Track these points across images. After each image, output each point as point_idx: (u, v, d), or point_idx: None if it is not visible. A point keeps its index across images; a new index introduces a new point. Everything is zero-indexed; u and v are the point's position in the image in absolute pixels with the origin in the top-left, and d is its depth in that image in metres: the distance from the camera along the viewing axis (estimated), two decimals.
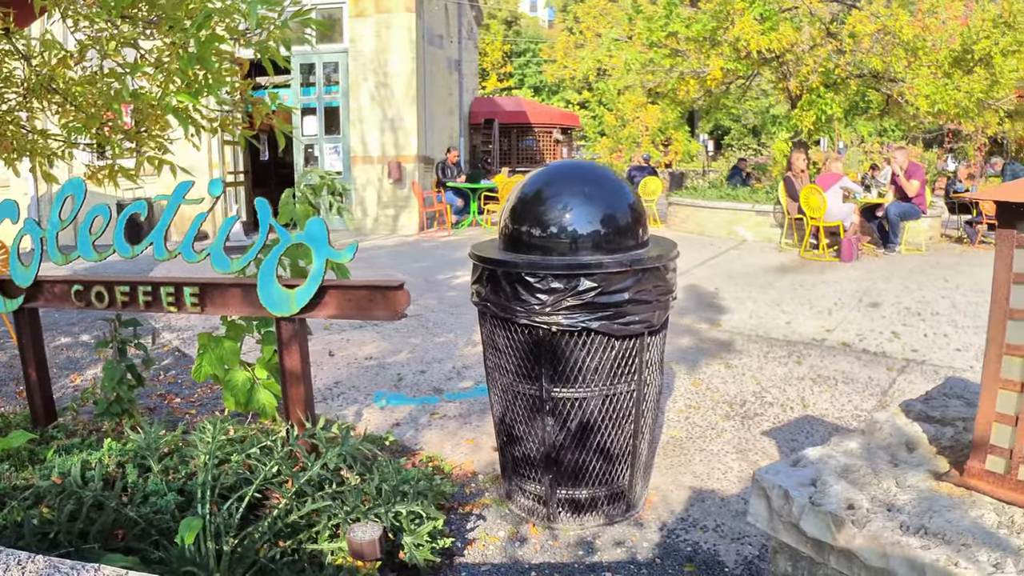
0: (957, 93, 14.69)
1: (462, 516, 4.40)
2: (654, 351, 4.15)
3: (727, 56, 14.91)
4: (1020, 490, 2.08)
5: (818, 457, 2.36)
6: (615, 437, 4.11)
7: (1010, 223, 1.98)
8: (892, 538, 1.86)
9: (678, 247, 4.27)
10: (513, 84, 49.41)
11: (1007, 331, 2.04)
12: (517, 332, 3.98)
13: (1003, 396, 2.08)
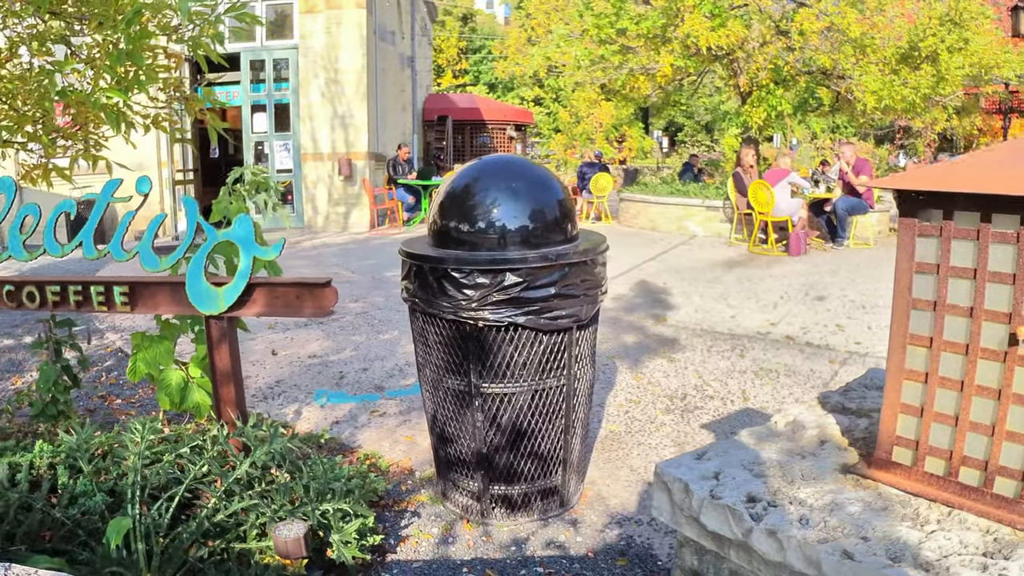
0: (904, 89, 14.87)
1: (397, 513, 4.37)
2: (584, 345, 4.14)
3: (677, 53, 14.96)
4: (926, 482, 2.09)
5: (725, 450, 2.36)
6: (546, 432, 4.10)
7: (911, 212, 1.98)
8: (789, 532, 1.85)
9: (607, 241, 4.27)
10: (468, 81, 49.31)
11: (910, 321, 2.04)
12: (445, 328, 3.96)
13: (908, 387, 2.08)
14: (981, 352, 1.91)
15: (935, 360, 2.00)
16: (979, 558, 1.75)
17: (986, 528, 1.91)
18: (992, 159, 1.91)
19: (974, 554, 1.78)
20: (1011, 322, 1.84)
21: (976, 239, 1.86)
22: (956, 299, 1.93)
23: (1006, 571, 1.69)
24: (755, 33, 15.10)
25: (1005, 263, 1.83)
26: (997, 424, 1.92)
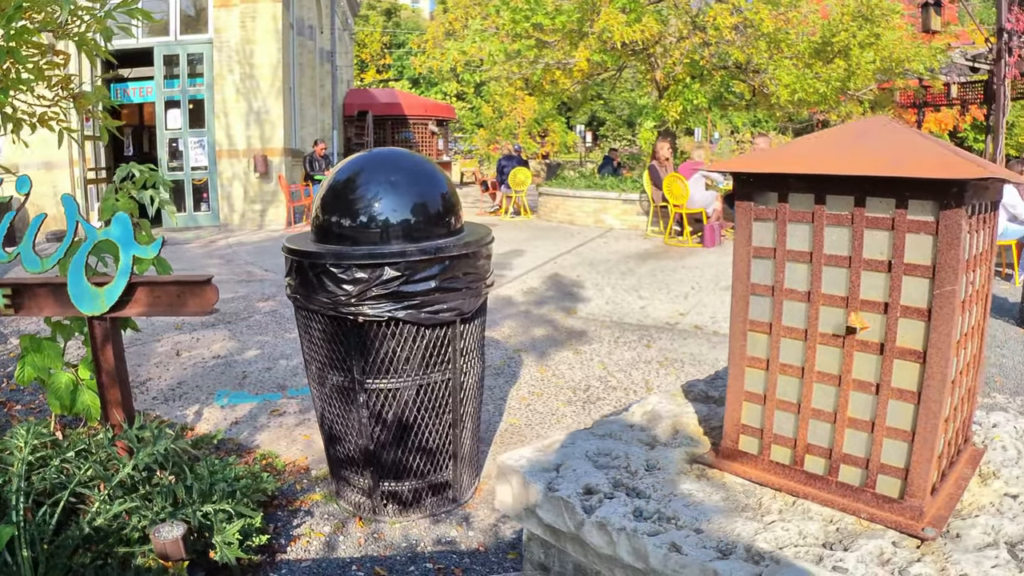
0: (817, 83, 15.14)
1: (290, 513, 4.32)
2: (469, 339, 4.12)
3: (593, 48, 15.01)
4: (772, 471, 2.09)
5: (572, 441, 2.35)
6: (433, 427, 4.08)
7: (747, 195, 1.97)
8: (620, 524, 1.84)
9: (492, 233, 4.25)
10: (392, 76, 49.02)
11: (750, 307, 2.05)
12: (326, 324, 3.91)
13: (751, 374, 2.08)
14: (820, 337, 1.90)
15: (775, 346, 1.99)
16: (816, 549, 1.75)
17: (830, 518, 1.91)
18: (827, 140, 1.91)
19: (812, 545, 1.78)
20: (848, 306, 1.85)
21: (811, 222, 1.86)
22: (794, 284, 1.92)
23: (842, 562, 1.69)
24: (672, 28, 15.23)
25: (841, 245, 1.82)
26: (839, 411, 1.92)
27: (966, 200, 1.62)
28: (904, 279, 1.73)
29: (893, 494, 1.87)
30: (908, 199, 1.68)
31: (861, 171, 1.67)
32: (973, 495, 2.05)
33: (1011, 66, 13.51)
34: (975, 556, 1.72)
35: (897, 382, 1.80)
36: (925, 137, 1.75)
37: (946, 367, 1.71)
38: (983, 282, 2.04)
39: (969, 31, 20.55)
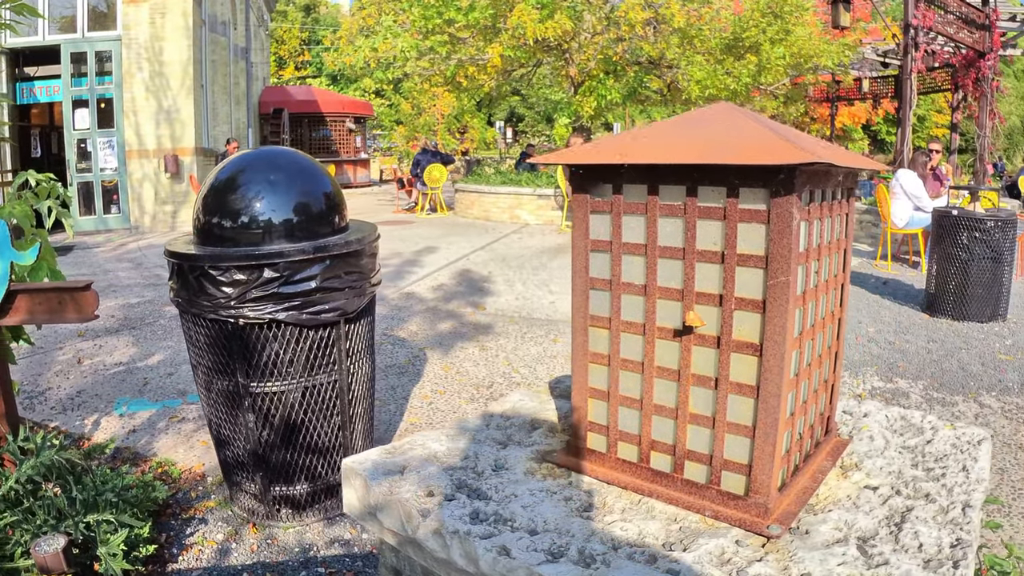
0: (727, 78, 15.32)
1: (183, 521, 4.21)
2: (356, 339, 4.04)
3: (506, 44, 14.98)
4: (620, 469, 2.04)
5: (423, 442, 2.29)
6: (323, 430, 3.99)
7: (583, 187, 1.92)
8: (453, 527, 1.78)
9: (378, 230, 4.18)
10: (311, 73, 48.47)
11: (590, 302, 2.00)
12: (208, 327, 3.80)
13: (594, 371, 2.03)
14: (658, 332, 1.86)
15: (616, 342, 1.94)
16: (653, 549, 1.70)
17: (674, 516, 1.86)
18: (664, 128, 1.86)
19: (650, 545, 1.73)
20: (684, 299, 1.81)
21: (646, 213, 1.82)
22: (631, 277, 1.87)
23: (677, 563, 1.64)
24: (587, 24, 15.26)
25: (675, 237, 1.78)
26: (680, 407, 1.87)
27: (797, 187, 1.58)
28: (738, 270, 1.69)
29: (738, 491, 1.83)
30: (739, 188, 1.64)
31: (686, 159, 1.63)
32: (830, 489, 2.02)
33: (917, 61, 13.78)
34: (821, 553, 1.69)
35: (735, 376, 1.76)
36: (763, 123, 1.71)
37: (782, 360, 1.67)
38: (837, 271, 2.02)
39: (881, 28, 20.99)
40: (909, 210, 11.24)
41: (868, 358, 6.96)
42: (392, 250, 12.07)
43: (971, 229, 8.30)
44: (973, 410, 5.83)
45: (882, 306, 9.04)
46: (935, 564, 1.67)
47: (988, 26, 16.89)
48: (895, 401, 5.92)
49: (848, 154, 1.92)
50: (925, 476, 2.11)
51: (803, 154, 1.46)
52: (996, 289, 8.41)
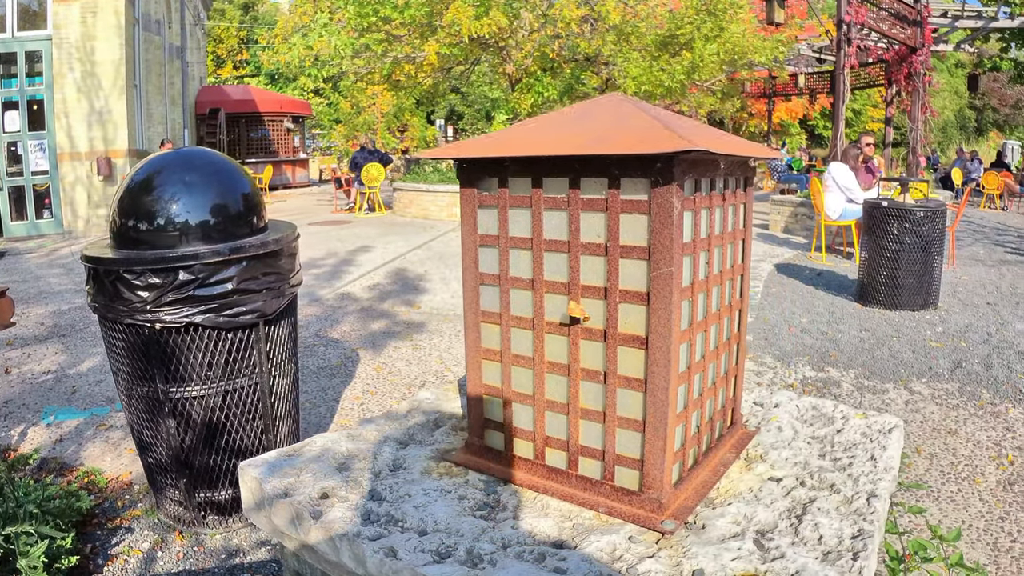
0: (662, 75, 15.39)
1: (109, 531, 4.12)
2: (277, 341, 3.98)
3: (443, 41, 14.91)
4: (516, 466, 2.01)
5: (323, 443, 2.24)
6: (245, 434, 3.93)
7: (470, 182, 1.89)
8: (343, 529, 1.74)
9: (297, 230, 4.12)
10: (249, 72, 47.86)
11: (481, 297, 1.97)
12: (126, 332, 3.71)
13: (487, 367, 2.00)
14: (547, 326, 1.84)
15: (506, 337, 1.92)
16: (543, 548, 1.67)
17: (568, 513, 1.83)
18: (551, 120, 1.84)
19: (541, 543, 1.70)
20: (570, 293, 1.78)
21: (531, 206, 1.79)
22: (519, 271, 1.84)
23: (565, 561, 1.62)
24: (524, 21, 15.25)
25: (560, 230, 1.76)
26: (571, 402, 1.86)
27: (677, 176, 1.56)
28: (621, 262, 1.67)
29: (632, 486, 1.81)
30: (620, 178, 1.62)
31: (565, 151, 1.60)
32: (732, 481, 2.01)
33: (850, 56, 13.96)
34: (716, 548, 1.67)
35: (623, 370, 1.74)
36: (649, 113, 1.68)
37: (669, 353, 1.65)
38: (733, 262, 2.01)
39: (816, 25, 21.27)
40: (842, 202, 11.39)
41: (801, 348, 7.03)
42: (329, 250, 11.96)
43: (901, 220, 8.42)
44: (904, 397, 5.91)
45: (816, 297, 9.14)
46: (834, 556, 1.67)
47: (920, 22, 17.18)
48: (827, 390, 5.98)
49: (737, 143, 1.90)
50: (832, 466, 2.10)
51: (680, 142, 1.44)
52: (927, 278, 8.55)
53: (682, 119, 1.87)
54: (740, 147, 1.83)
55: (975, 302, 9.08)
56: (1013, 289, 9.96)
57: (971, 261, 12.23)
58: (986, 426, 5.43)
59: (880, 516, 1.86)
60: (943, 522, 4.16)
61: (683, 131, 1.56)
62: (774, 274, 10.52)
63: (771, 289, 9.52)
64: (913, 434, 5.26)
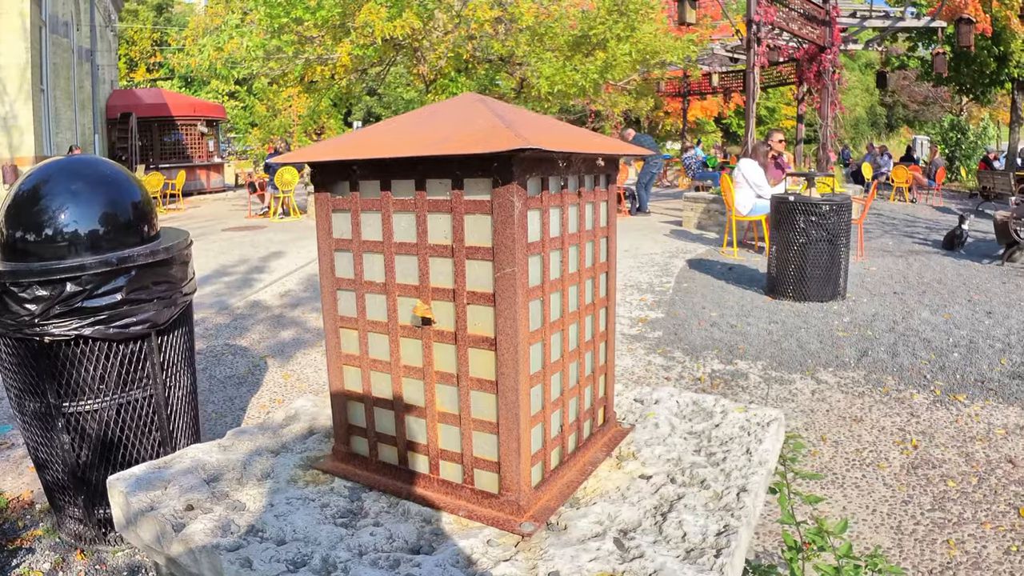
0: (576, 74, 15.50)
1: (10, 552, 4.00)
2: (172, 352, 3.90)
3: (355, 43, 14.81)
4: (380, 472, 1.99)
5: (193, 454, 2.21)
6: (142, 448, 3.84)
7: (324, 186, 1.87)
8: (203, 541, 1.71)
9: (190, 237, 4.05)
10: (163, 75, 46.95)
11: (339, 303, 1.95)
12: (15, 347, 3.61)
13: (348, 373, 1.98)
14: (402, 330, 1.83)
15: (364, 342, 1.91)
16: (399, 554, 1.66)
17: (429, 518, 1.82)
18: (398, 123, 1.84)
19: (398, 549, 1.69)
20: (420, 295, 1.78)
21: (381, 209, 1.78)
22: (372, 275, 1.83)
23: (420, 567, 1.60)
24: (438, 22, 15.21)
25: (409, 232, 1.75)
26: (428, 405, 1.85)
27: (516, 175, 1.56)
28: (468, 263, 1.67)
29: (492, 489, 1.81)
30: (463, 179, 1.62)
31: (408, 152, 1.60)
32: (600, 481, 2.02)
33: (760, 55, 14.19)
34: (574, 550, 1.67)
35: (475, 372, 1.74)
36: (497, 112, 1.68)
37: (517, 353, 1.65)
38: (593, 261, 2.02)
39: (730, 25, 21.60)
40: (752, 198, 11.59)
41: (710, 342, 7.12)
42: (241, 256, 11.81)
43: (807, 213, 8.59)
44: (810, 387, 6.03)
45: (726, 291, 9.28)
46: (696, 554, 1.67)
47: (828, 22, 17.56)
48: (734, 382, 6.06)
49: (590, 140, 1.90)
50: (706, 461, 2.12)
51: (515, 140, 1.44)
52: (834, 270, 8.73)
53: (537, 118, 1.88)
54: (591, 145, 1.83)
55: (883, 291, 9.30)
56: (920, 278, 10.23)
57: (880, 252, 12.53)
58: (891, 412, 5.57)
59: (749, 511, 1.87)
60: (848, 507, 4.27)
61: (523, 130, 1.56)
62: (686, 269, 10.64)
63: (682, 284, 9.63)
64: (819, 423, 5.37)
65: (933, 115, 53.57)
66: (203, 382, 6.22)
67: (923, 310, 8.35)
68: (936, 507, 4.26)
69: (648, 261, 11.00)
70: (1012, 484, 4.51)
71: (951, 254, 12.56)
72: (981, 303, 8.75)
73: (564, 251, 1.83)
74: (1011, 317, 8.08)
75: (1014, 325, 7.75)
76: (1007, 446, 5.01)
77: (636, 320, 7.84)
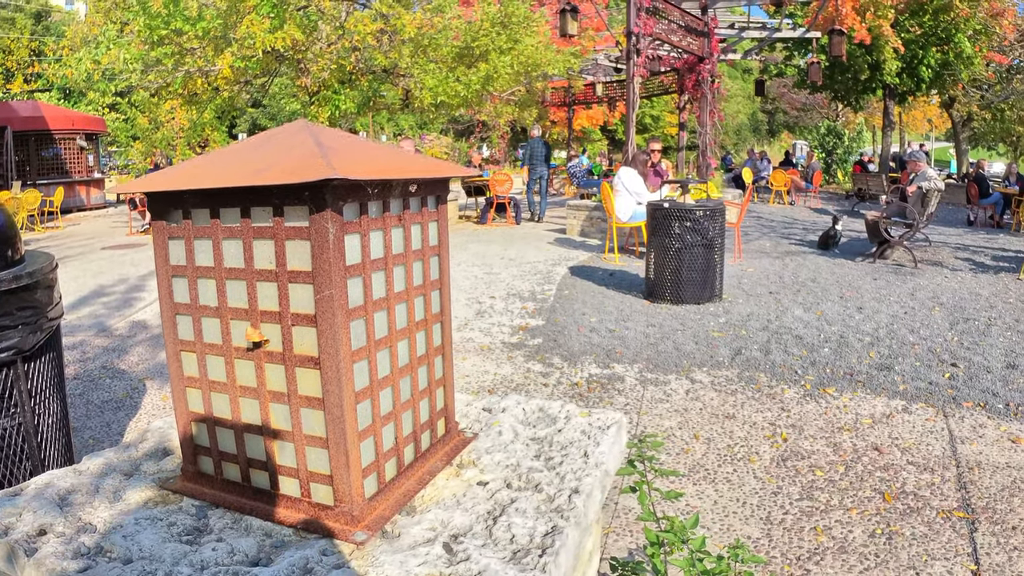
0: (459, 85, 15.61)
1: None
2: (40, 378, 3.82)
3: (237, 54, 14.63)
4: (226, 490, 2.04)
5: (47, 479, 2.21)
6: (12, 478, 3.74)
7: (159, 214, 1.92)
8: (53, 565, 1.74)
9: (55, 260, 3.99)
10: (41, 86, 45.40)
11: (178, 327, 2.00)
12: None
13: (191, 394, 2.03)
14: (236, 352, 1.89)
15: (203, 364, 1.97)
16: (238, 567, 1.71)
17: (269, 531, 1.88)
18: (229, 152, 1.89)
19: (238, 563, 1.75)
20: (250, 319, 1.84)
21: (212, 236, 1.84)
22: (207, 300, 1.90)
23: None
24: (323, 34, 15.12)
25: (237, 258, 1.82)
26: (264, 423, 1.91)
27: (330, 203, 1.64)
28: (291, 287, 1.75)
29: (328, 502, 1.88)
30: (283, 207, 1.70)
31: (230, 182, 1.67)
32: (438, 489, 2.10)
33: (639, 66, 14.48)
34: (404, 555, 1.75)
35: (303, 390, 1.82)
36: (320, 139, 1.75)
37: (340, 371, 1.73)
38: (422, 280, 2.10)
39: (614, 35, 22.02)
40: (632, 205, 11.87)
41: (588, 347, 7.25)
42: (120, 276, 11.54)
43: (682, 219, 8.83)
44: (685, 386, 6.19)
45: (607, 296, 9.46)
46: (521, 554, 1.76)
47: (707, 33, 18.08)
48: (611, 385, 6.19)
49: (411, 166, 1.98)
50: (543, 466, 2.21)
51: (325, 171, 1.52)
52: (710, 273, 9.00)
53: (363, 146, 1.95)
54: (408, 171, 1.92)
55: (758, 292, 9.61)
56: (795, 278, 10.60)
57: (757, 254, 12.91)
58: (762, 408, 5.77)
59: (580, 511, 1.97)
60: (719, 501, 4.40)
61: (339, 158, 1.64)
62: (568, 277, 10.79)
63: (564, 292, 9.77)
64: (692, 421, 5.52)
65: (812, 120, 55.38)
66: (80, 407, 6.07)
67: (797, 308, 8.66)
68: (804, 496, 4.43)
69: (531, 269, 11.14)
70: (878, 471, 4.73)
71: (826, 254, 13.04)
72: (852, 299, 9.13)
73: (388, 271, 1.91)
74: (880, 312, 8.45)
75: (883, 320, 8.11)
76: (873, 434, 5.26)
77: (517, 328, 7.94)
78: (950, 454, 4.97)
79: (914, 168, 12.89)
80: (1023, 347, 7.21)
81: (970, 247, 14.50)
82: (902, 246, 12.23)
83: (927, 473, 4.71)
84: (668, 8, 16.19)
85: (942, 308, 8.75)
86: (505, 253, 12.55)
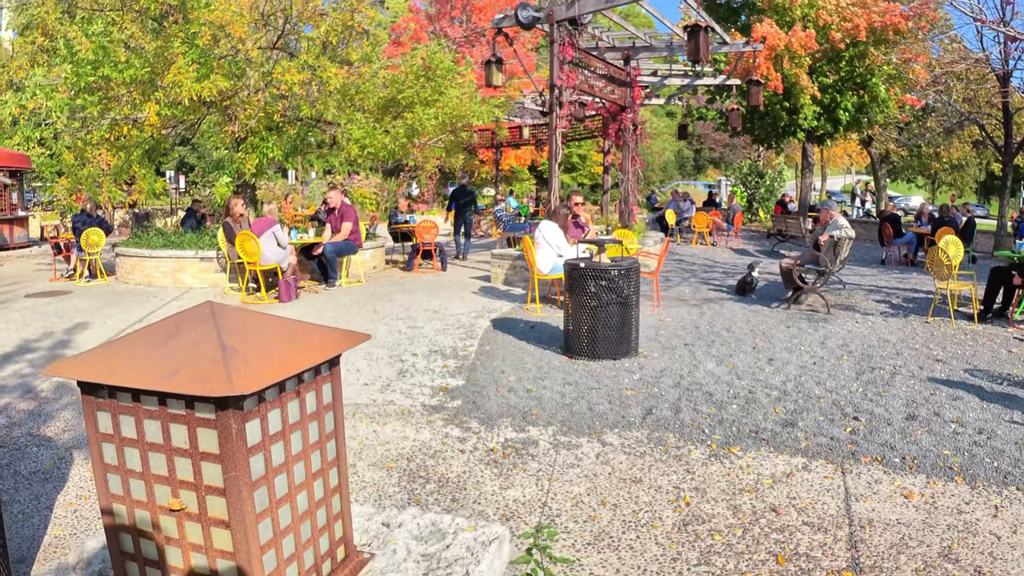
0: (384, 137, 15.94)
1: None
2: None
3: (163, 102, 14.71)
4: None
5: None
6: None
7: (88, 389, 2.20)
8: None
9: None
10: None
11: (109, 483, 2.27)
12: None
13: (123, 538, 2.33)
14: (160, 509, 2.19)
15: (132, 515, 2.25)
16: None
17: None
18: (142, 343, 2.18)
19: None
20: (171, 485, 2.14)
21: (135, 415, 2.12)
22: (133, 465, 2.19)
23: None
24: (251, 81, 15.25)
25: (158, 435, 2.11)
26: (187, 569, 2.22)
27: (231, 404, 1.95)
28: (203, 464, 2.05)
29: None
30: (194, 402, 1.99)
31: (144, 385, 1.96)
32: None
33: (561, 117, 14.82)
34: None
35: (218, 545, 2.12)
36: (218, 339, 2.06)
37: (247, 533, 2.03)
38: (318, 436, 2.39)
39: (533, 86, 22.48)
40: (552, 257, 12.22)
41: (505, 409, 7.49)
42: (45, 329, 11.48)
43: (597, 278, 9.17)
44: (596, 449, 6.42)
45: (526, 352, 9.71)
46: None
47: (629, 83, 18.60)
48: (525, 451, 6.38)
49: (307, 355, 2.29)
50: None
51: (223, 387, 1.83)
52: (626, 329, 9.34)
53: (270, 334, 2.24)
54: (306, 357, 2.23)
55: (673, 344, 9.95)
56: (711, 327, 10.96)
57: (676, 301, 13.27)
58: (668, 471, 6.00)
59: None
60: (621, 570, 4.57)
61: (238, 369, 1.95)
62: (490, 330, 10.99)
63: (485, 347, 9.96)
64: (601, 487, 5.72)
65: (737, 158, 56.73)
66: (8, 479, 6.06)
67: (709, 361, 8.99)
68: (702, 561, 4.66)
69: (454, 323, 11.36)
70: (774, 532, 4.99)
71: (743, 300, 13.48)
72: (764, 350, 9.49)
73: (287, 440, 2.22)
74: (790, 363, 8.82)
75: (791, 372, 8.46)
76: (772, 495, 5.53)
77: (437, 389, 8.15)
78: (844, 512, 5.25)
79: (826, 217, 13.42)
80: (924, 396, 7.61)
81: (883, 288, 15.11)
82: (816, 292, 12.75)
83: (820, 533, 4.97)
84: (590, 60, 16.64)
85: (850, 357, 9.16)
86: (430, 304, 12.75)
